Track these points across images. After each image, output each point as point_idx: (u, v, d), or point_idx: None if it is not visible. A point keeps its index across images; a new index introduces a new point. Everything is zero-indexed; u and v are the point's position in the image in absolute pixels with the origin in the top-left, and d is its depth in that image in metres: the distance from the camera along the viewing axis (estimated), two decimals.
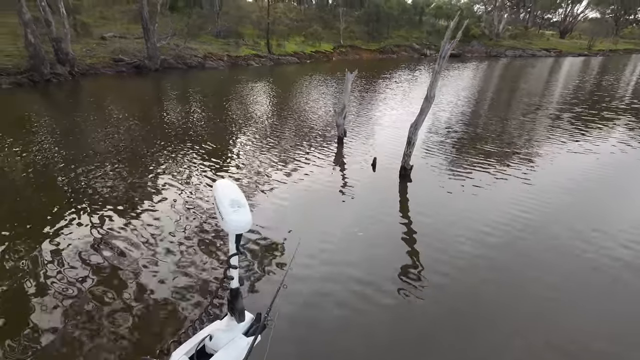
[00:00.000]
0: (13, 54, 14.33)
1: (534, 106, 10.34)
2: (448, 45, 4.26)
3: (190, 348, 1.70)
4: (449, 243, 3.54)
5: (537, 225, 3.86)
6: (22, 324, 2.52)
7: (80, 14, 21.31)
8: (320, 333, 2.48)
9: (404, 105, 10.58)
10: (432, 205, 4.38)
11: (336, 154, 6.28)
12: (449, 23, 27.41)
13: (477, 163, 5.74)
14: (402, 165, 5.06)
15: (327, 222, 3.98)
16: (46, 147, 6.62)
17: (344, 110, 6.35)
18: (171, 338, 2.28)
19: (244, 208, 1.53)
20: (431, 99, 4.53)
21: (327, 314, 2.65)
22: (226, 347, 1.69)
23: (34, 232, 3.77)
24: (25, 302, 2.74)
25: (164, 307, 2.69)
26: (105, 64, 17.10)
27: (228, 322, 1.85)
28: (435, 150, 6.39)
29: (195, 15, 24.35)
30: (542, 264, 3.24)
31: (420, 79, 16.96)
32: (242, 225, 1.52)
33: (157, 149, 6.56)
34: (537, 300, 2.82)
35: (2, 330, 2.50)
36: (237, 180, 5.15)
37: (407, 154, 4.95)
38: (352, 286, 2.93)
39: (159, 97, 12.34)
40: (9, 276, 3.03)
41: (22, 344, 2.36)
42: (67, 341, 2.39)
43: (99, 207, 4.30)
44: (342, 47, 30.42)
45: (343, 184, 5.06)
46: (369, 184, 5.05)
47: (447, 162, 5.84)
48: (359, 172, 5.44)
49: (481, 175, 5.22)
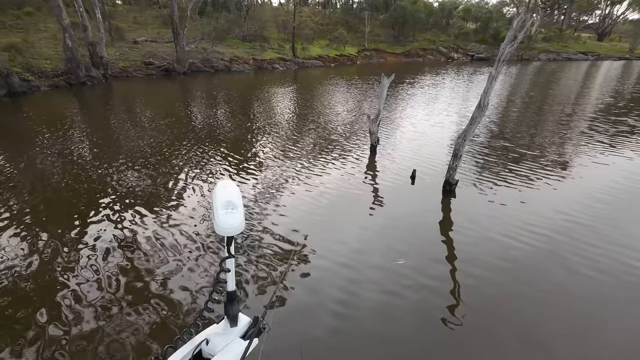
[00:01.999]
0: (52, 57, 15.06)
1: (567, 114, 9.72)
2: (509, 48, 3.84)
3: (186, 353, 1.64)
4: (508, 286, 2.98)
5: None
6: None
7: (115, 19, 22.22)
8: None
9: (440, 112, 10.03)
10: (483, 230, 3.82)
11: (368, 163, 5.95)
12: (477, 25, 26.44)
13: (521, 176, 5.28)
14: (447, 180, 4.64)
15: (357, 240, 3.67)
16: (78, 145, 6.90)
17: (379, 117, 6.05)
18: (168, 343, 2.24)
19: (237, 210, 1.48)
20: (484, 108, 4.14)
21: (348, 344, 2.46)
22: (223, 351, 1.66)
23: (63, 223, 3.91)
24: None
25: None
26: (136, 67, 17.68)
27: (225, 326, 1.81)
28: (473, 162, 5.89)
29: (222, 20, 24.86)
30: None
31: (450, 83, 16.45)
32: (231, 227, 1.47)
33: (183, 149, 6.64)
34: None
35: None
36: (258, 184, 5.09)
37: (453, 167, 4.54)
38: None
39: (186, 100, 12.57)
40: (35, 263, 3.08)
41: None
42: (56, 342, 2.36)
43: (125, 202, 4.45)
44: (366, 51, 30.17)
45: (377, 197, 4.70)
46: (408, 199, 4.66)
47: (489, 175, 5.34)
48: (395, 185, 5.03)
49: (529, 192, 4.77)
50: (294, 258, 3.34)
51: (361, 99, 12.28)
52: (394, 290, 2.93)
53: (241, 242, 3.62)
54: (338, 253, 3.42)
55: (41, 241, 3.62)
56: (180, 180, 5.25)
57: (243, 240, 3.67)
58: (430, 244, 3.62)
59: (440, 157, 6.07)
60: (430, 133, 7.74)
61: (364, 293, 2.91)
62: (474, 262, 3.30)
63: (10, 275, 3.11)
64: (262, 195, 4.72)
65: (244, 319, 1.86)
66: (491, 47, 33.27)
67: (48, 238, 3.68)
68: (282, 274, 3.11)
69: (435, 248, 3.55)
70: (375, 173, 5.54)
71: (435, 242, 3.67)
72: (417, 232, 3.84)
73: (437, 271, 3.17)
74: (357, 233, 3.78)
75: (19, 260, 3.32)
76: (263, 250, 3.47)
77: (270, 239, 3.66)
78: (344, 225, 3.94)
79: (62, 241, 3.62)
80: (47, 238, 3.68)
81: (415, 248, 3.51)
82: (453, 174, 4.58)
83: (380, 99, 5.94)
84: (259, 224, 3.96)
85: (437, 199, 4.59)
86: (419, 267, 3.21)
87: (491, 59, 31.58)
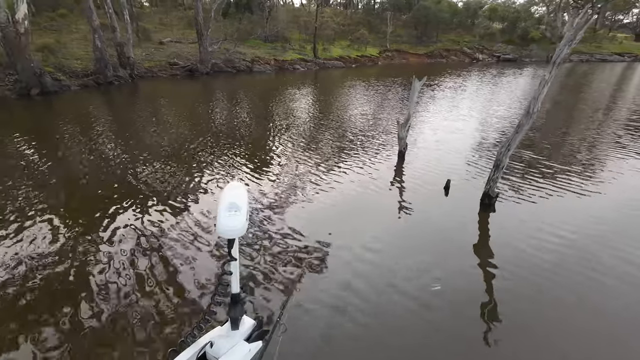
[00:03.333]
0: (83, 57, 15.59)
1: (599, 121, 9.16)
2: (567, 49, 3.50)
3: (191, 355, 1.65)
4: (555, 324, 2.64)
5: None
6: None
7: (142, 21, 22.83)
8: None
9: (472, 115, 9.55)
10: (525, 250, 3.47)
11: (396, 170, 5.65)
12: (504, 25, 25.50)
13: (564, 188, 4.92)
14: (486, 192, 4.30)
15: (382, 253, 3.49)
16: (105, 142, 7.07)
17: (408, 122, 5.78)
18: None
19: (239, 213, 1.46)
20: (533, 115, 3.81)
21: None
22: (227, 354, 1.65)
23: (88, 218, 4.03)
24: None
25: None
26: (161, 68, 18.08)
27: (229, 328, 1.81)
28: (509, 173, 5.37)
29: (245, 20, 25.10)
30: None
31: (480, 85, 15.94)
32: (232, 230, 1.46)
33: (204, 148, 6.72)
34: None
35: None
36: (276, 186, 5.02)
37: (493, 178, 4.18)
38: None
39: (208, 100, 12.71)
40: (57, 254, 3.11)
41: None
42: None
43: (146, 198, 4.56)
44: (388, 52, 29.75)
45: (407, 208, 4.39)
46: (441, 211, 4.32)
47: (528, 187, 4.91)
48: (427, 195, 4.69)
49: (572, 204, 4.45)
50: (309, 264, 3.25)
51: (382, 101, 12.04)
52: (419, 310, 2.73)
53: (257, 243, 3.56)
54: (360, 262, 3.27)
55: (66, 235, 3.71)
56: (201, 178, 5.30)
57: (257, 241, 3.63)
58: (465, 263, 3.33)
59: (475, 166, 5.71)
60: (463, 139, 7.29)
61: (389, 307, 2.75)
62: (517, 287, 3.00)
63: (39, 267, 3.19)
64: (280, 197, 4.64)
65: (248, 322, 1.85)
66: (519, 48, 32.13)
67: (73, 232, 3.77)
68: (297, 280, 3.05)
69: (472, 269, 3.24)
70: (404, 181, 5.23)
71: (472, 261, 3.36)
72: (451, 249, 3.55)
73: (475, 296, 2.91)
74: (383, 247, 3.58)
75: (44, 252, 3.41)
76: (278, 253, 3.42)
77: (287, 242, 3.59)
78: (368, 236, 3.76)
79: (86, 235, 3.72)
80: (72, 232, 3.77)
81: (449, 267, 3.24)
82: (493, 186, 4.22)
83: (410, 103, 5.66)
84: (276, 226, 3.88)
85: (474, 212, 4.24)
86: (453, 286, 2.99)
87: (519, 60, 30.51)
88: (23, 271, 3.15)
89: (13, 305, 2.77)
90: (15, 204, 4.41)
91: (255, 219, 4.03)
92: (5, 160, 6.02)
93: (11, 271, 3.15)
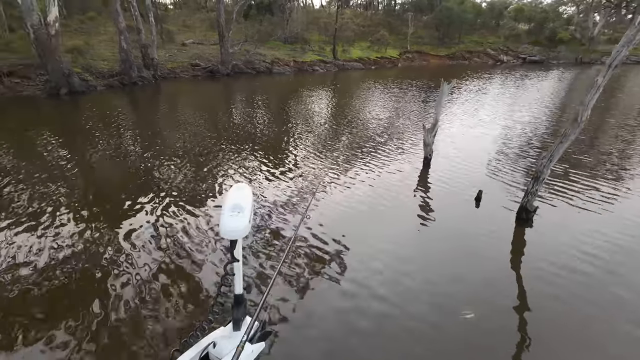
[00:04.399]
0: (109, 58, 16.09)
1: (630, 127, 8.62)
2: (625, 51, 3.18)
3: (193, 355, 1.66)
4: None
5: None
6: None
7: (166, 23, 23.40)
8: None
9: (496, 122, 9.01)
10: (572, 273, 3.14)
11: (420, 177, 5.36)
12: (530, 26, 24.59)
13: (608, 200, 4.57)
14: (523, 206, 3.97)
15: (403, 271, 3.25)
16: (128, 141, 7.29)
17: (436, 127, 5.51)
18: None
19: (243, 214, 1.46)
20: (581, 123, 3.51)
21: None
22: (230, 354, 1.61)
23: (110, 213, 4.18)
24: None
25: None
26: (183, 69, 18.44)
27: (232, 329, 1.82)
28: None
29: (266, 22, 25.32)
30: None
31: (502, 88, 15.43)
32: (235, 231, 1.46)
33: (223, 148, 6.78)
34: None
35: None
36: (293, 188, 4.94)
37: (532, 191, 3.84)
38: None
39: (228, 100, 12.84)
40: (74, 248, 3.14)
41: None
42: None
43: (166, 196, 4.65)
44: (408, 53, 29.33)
45: (433, 219, 4.09)
46: (472, 224, 4.00)
47: (569, 200, 4.52)
48: (455, 206, 4.39)
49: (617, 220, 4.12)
50: (323, 270, 3.17)
51: (402, 104, 11.81)
52: (448, 345, 2.45)
53: (272, 243, 3.50)
54: (378, 277, 3.10)
55: (88, 230, 3.83)
56: (219, 177, 5.33)
57: (270, 241, 3.57)
58: (500, 284, 3.04)
59: (504, 176, 5.35)
60: (489, 146, 6.87)
61: (410, 325, 2.58)
62: (558, 316, 2.72)
63: (58, 259, 3.27)
64: (297, 200, 4.57)
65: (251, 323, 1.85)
66: (546, 49, 31.00)
67: (93, 224, 3.92)
68: (306, 283, 3.00)
69: (507, 291, 2.95)
70: (430, 190, 4.91)
71: (508, 283, 3.06)
72: (485, 267, 3.23)
73: (510, 322, 2.68)
74: (409, 260, 3.38)
75: (68, 246, 3.51)
76: (292, 256, 3.36)
77: (303, 246, 3.52)
78: (390, 245, 3.60)
79: (106, 228, 3.84)
80: (92, 225, 3.92)
81: (482, 289, 2.96)
82: (532, 199, 3.88)
83: (438, 107, 5.39)
84: (292, 228, 3.82)
85: (508, 226, 3.93)
86: (483, 309, 2.77)
87: (546, 62, 29.42)
88: (43, 262, 3.25)
89: (25, 299, 2.82)
90: (41, 197, 4.58)
91: (270, 219, 4.01)
92: (34, 155, 6.25)
93: (32, 261, 3.25)
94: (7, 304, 2.77)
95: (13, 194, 4.71)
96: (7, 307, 2.73)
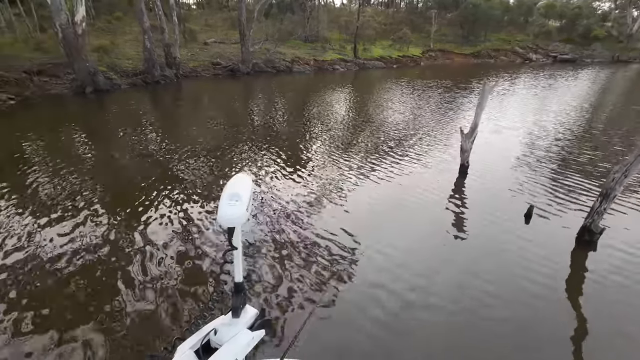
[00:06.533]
0: (133, 57, 16.34)
1: None
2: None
3: (195, 342, 1.72)
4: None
5: None
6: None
7: (189, 22, 23.66)
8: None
9: (550, 127, 8.19)
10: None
11: (456, 187, 4.91)
12: (562, 23, 23.30)
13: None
14: (586, 226, 3.54)
15: (438, 293, 2.97)
16: (151, 138, 7.36)
17: (475, 132, 5.05)
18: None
19: (240, 202, 1.50)
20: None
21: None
22: (230, 341, 1.70)
23: (130, 209, 4.30)
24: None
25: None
26: (205, 67, 18.53)
27: (232, 317, 1.87)
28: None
29: (286, 21, 25.19)
30: None
31: (536, 89, 14.65)
32: (231, 218, 1.49)
33: (241, 146, 6.76)
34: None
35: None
36: (314, 189, 4.71)
37: (599, 211, 3.41)
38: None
39: (248, 99, 12.73)
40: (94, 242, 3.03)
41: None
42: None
43: (184, 192, 4.76)
44: (431, 51, 28.53)
45: (474, 236, 3.70)
46: (522, 244, 3.54)
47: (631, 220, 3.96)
48: (500, 223, 3.95)
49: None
50: (339, 277, 3.06)
51: (430, 104, 11.34)
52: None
53: (289, 244, 3.28)
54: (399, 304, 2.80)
55: (108, 220, 3.99)
56: (237, 173, 5.18)
57: (285, 239, 3.39)
58: (557, 313, 2.68)
59: (562, 190, 4.75)
60: (531, 153, 6.26)
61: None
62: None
63: (80, 251, 3.41)
64: (319, 198, 4.43)
65: (250, 311, 1.94)
66: (578, 47, 29.44)
67: (115, 217, 4.06)
68: (314, 307, 2.84)
69: (566, 323, 2.59)
70: (468, 203, 4.44)
71: (567, 314, 2.69)
72: (539, 295, 2.82)
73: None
74: (431, 297, 3.03)
75: (88, 241, 3.62)
76: (308, 256, 3.24)
77: (322, 245, 3.42)
78: (423, 265, 3.30)
79: (125, 221, 3.98)
80: (113, 217, 4.06)
81: (532, 321, 2.59)
82: (597, 219, 3.45)
83: (478, 110, 4.91)
84: (312, 228, 3.73)
85: (566, 249, 3.47)
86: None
87: (579, 60, 27.94)
88: (68, 253, 3.37)
89: (46, 289, 2.91)
90: (66, 189, 4.78)
91: (290, 218, 3.96)
92: (60, 151, 6.38)
93: (56, 253, 3.38)
94: (50, 286, 2.91)
95: (45, 185, 4.93)
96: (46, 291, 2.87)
